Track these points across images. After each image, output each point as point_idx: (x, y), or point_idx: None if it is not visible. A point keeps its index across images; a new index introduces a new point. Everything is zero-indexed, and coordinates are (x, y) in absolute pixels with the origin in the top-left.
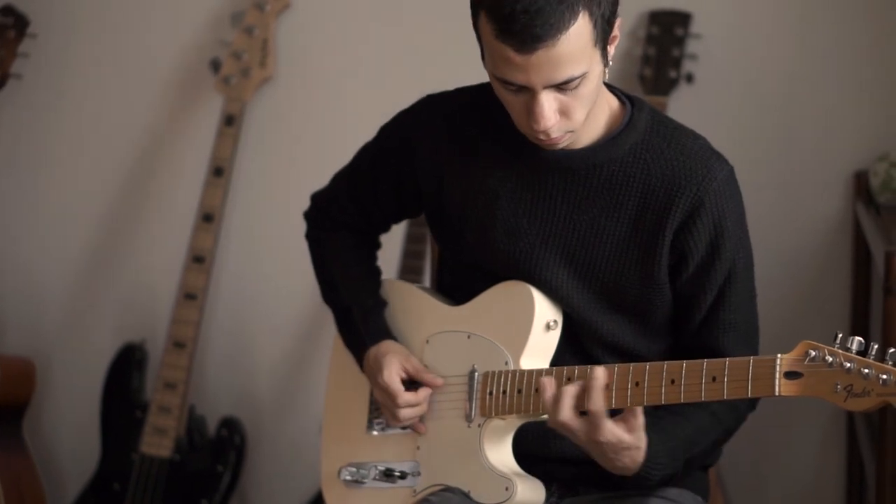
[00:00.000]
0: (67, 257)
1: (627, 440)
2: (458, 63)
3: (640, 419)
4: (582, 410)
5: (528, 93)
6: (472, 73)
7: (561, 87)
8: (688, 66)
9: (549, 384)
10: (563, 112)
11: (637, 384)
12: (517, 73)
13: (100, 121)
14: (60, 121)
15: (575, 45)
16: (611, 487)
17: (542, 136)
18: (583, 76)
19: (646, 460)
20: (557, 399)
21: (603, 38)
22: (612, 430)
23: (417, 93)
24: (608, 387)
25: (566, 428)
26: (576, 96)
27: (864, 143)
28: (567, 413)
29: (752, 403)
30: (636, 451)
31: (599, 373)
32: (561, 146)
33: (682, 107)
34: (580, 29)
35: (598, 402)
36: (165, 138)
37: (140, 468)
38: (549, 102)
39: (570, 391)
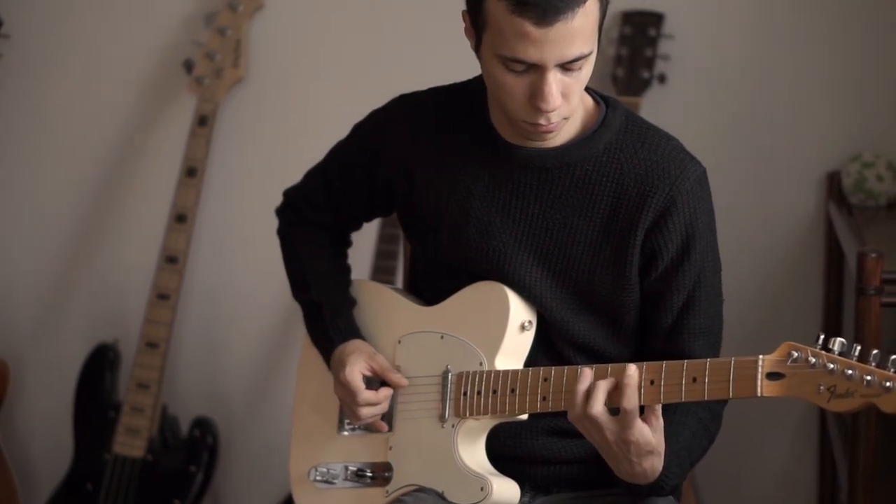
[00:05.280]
0: (40, 257)
1: (653, 442)
2: (431, 63)
3: (661, 421)
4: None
5: (536, 73)
6: (445, 72)
7: (567, 66)
8: (660, 66)
9: (587, 375)
10: (564, 95)
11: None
12: (531, 50)
13: (73, 121)
14: (33, 121)
15: (587, 21)
16: (583, 487)
17: (542, 122)
18: (588, 56)
19: (663, 468)
20: (591, 392)
21: (602, 20)
22: (642, 430)
23: (390, 93)
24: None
25: (594, 423)
26: (577, 79)
27: (837, 143)
28: (599, 407)
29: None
30: (657, 458)
31: (633, 370)
32: (549, 138)
33: (655, 107)
34: (591, 6)
35: (633, 400)
36: (138, 139)
37: (113, 468)
38: (556, 82)
39: (603, 386)
